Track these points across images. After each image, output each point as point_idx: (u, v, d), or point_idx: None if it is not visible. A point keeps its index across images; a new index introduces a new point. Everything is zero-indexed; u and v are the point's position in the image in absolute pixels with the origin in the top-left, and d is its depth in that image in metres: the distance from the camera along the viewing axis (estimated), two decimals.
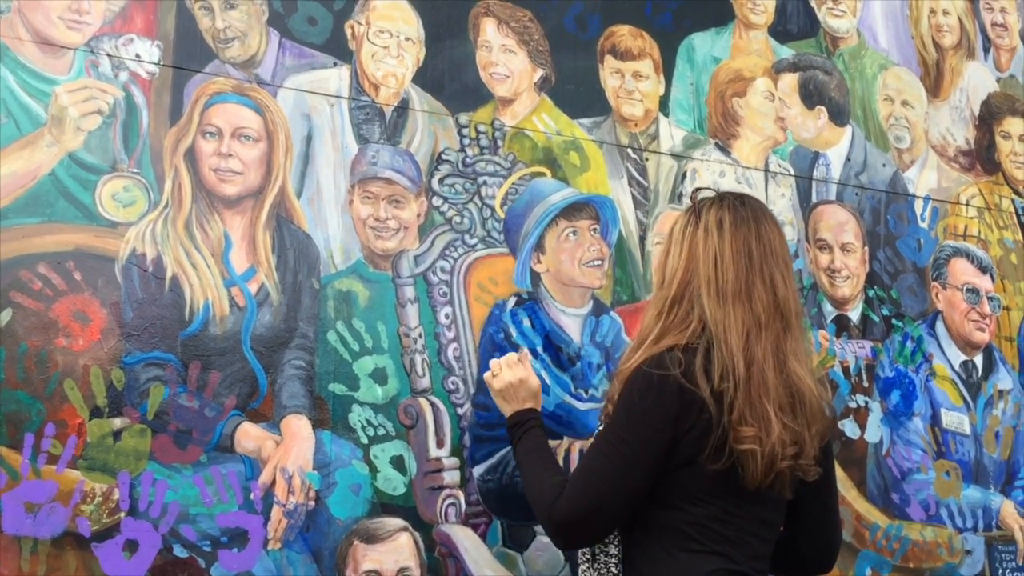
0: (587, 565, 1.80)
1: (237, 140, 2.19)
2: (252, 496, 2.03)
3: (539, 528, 2.26)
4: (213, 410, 2.04)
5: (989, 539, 2.77)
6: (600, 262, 2.47)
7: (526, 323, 2.37)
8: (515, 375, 1.98)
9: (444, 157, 2.39)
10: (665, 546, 1.70)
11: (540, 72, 2.54)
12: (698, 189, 1.89)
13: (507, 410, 1.98)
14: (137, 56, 2.13)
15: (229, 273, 2.13)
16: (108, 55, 2.11)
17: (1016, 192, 3.16)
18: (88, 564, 1.88)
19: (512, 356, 2.04)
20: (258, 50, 2.26)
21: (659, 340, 1.74)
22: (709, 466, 1.66)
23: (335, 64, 2.33)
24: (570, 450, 2.33)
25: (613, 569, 1.78)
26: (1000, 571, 2.76)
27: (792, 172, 2.80)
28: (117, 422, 1.96)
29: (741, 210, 1.81)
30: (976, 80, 3.19)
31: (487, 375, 2.03)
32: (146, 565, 1.92)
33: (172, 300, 2.06)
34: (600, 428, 1.81)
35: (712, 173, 2.68)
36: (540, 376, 2.34)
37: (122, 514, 1.93)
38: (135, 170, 2.09)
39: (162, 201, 2.10)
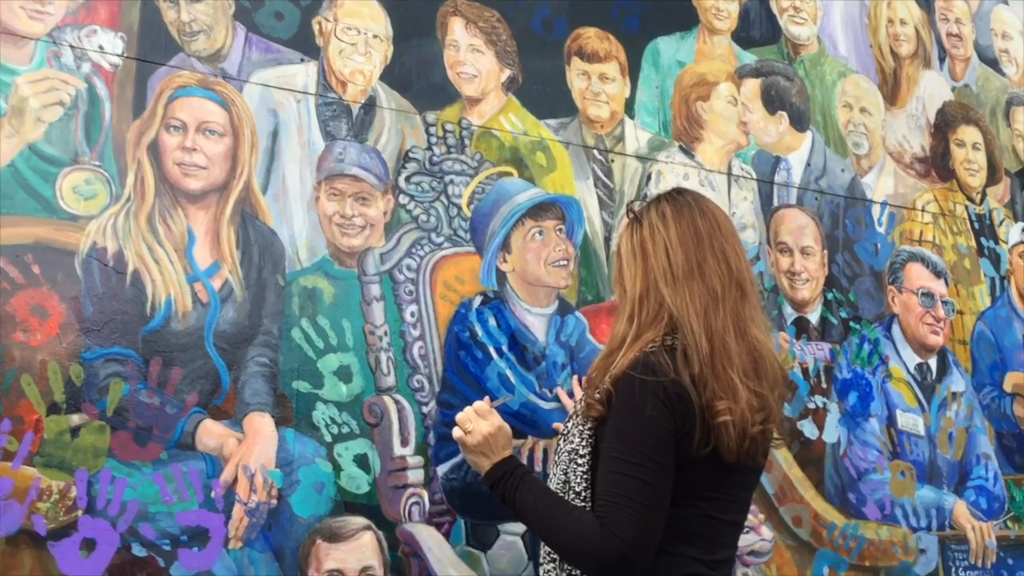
0: (552, 565, 1.79)
1: (202, 134, 2.16)
2: (213, 494, 2.01)
3: (503, 527, 2.26)
4: (174, 407, 2.01)
5: (942, 538, 2.82)
6: (566, 262, 2.48)
7: (492, 322, 2.37)
8: (492, 425, 1.83)
9: (411, 155, 2.38)
10: None
11: (507, 72, 2.54)
12: (632, 202, 1.90)
13: (485, 464, 1.82)
14: (100, 47, 2.10)
15: (192, 268, 2.10)
16: (71, 46, 2.07)
17: (970, 199, 3.23)
18: (44, 563, 1.84)
19: (481, 405, 1.86)
20: (224, 44, 2.24)
21: (637, 339, 1.74)
22: (698, 453, 1.66)
23: (302, 60, 2.31)
24: (534, 449, 2.34)
25: None
26: (953, 570, 2.82)
27: (754, 176, 2.83)
28: (75, 418, 1.93)
29: (679, 198, 1.84)
30: (932, 89, 3.26)
31: (458, 433, 1.85)
32: (104, 564, 1.88)
33: (133, 295, 2.03)
34: (584, 443, 1.75)
35: (676, 176, 2.71)
36: (505, 376, 2.36)
37: (79, 512, 1.89)
38: (97, 163, 2.06)
39: (124, 195, 2.07)
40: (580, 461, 1.74)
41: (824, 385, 2.76)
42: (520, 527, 2.25)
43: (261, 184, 2.21)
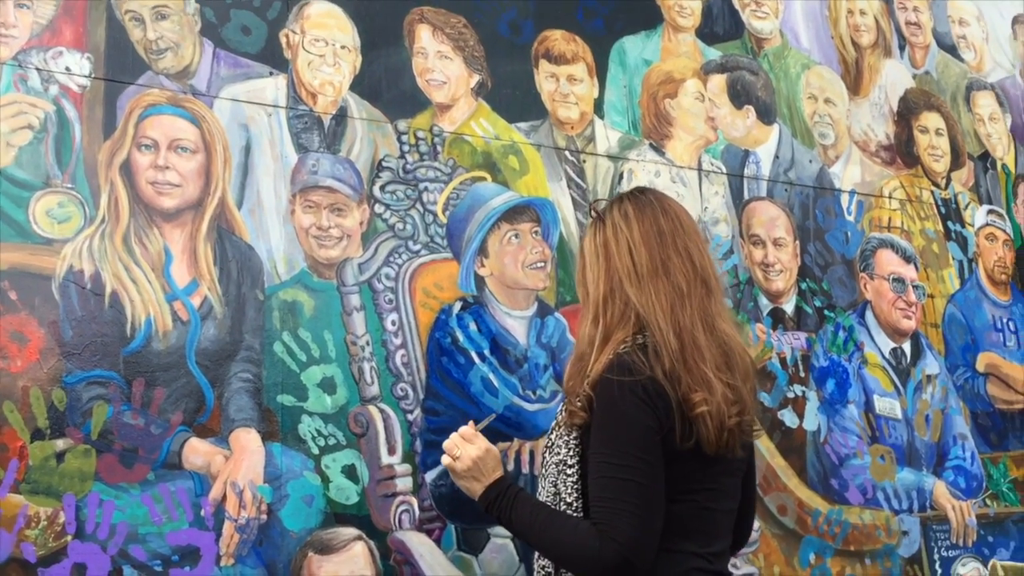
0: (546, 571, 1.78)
1: (174, 152, 2.15)
2: (203, 512, 2.00)
3: (493, 530, 2.27)
4: (159, 427, 2.00)
5: (924, 519, 2.87)
6: (543, 264, 2.49)
7: (472, 327, 2.38)
8: (479, 448, 1.81)
9: (384, 164, 2.39)
10: None
11: (476, 77, 2.55)
12: (595, 201, 1.91)
13: (477, 488, 1.80)
14: (67, 69, 2.09)
15: (171, 287, 2.09)
16: (37, 69, 2.06)
17: (935, 184, 3.29)
18: None
19: (467, 429, 1.86)
20: (192, 60, 2.23)
21: (607, 341, 1.75)
22: (682, 447, 1.67)
23: (271, 73, 2.31)
24: (520, 451, 2.35)
25: None
26: (935, 550, 2.86)
27: (724, 170, 2.87)
28: (60, 443, 1.91)
29: (642, 197, 1.85)
30: (894, 77, 3.31)
31: (446, 460, 1.84)
32: None
33: (112, 317, 2.02)
34: (562, 449, 1.74)
35: (648, 173, 2.73)
36: (488, 380, 2.37)
37: (69, 537, 1.88)
38: (69, 185, 2.05)
39: (98, 216, 2.06)
40: (569, 472, 1.73)
41: (802, 374, 2.80)
42: None
43: (236, 199, 2.21)
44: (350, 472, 2.16)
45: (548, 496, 1.77)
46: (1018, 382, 3.20)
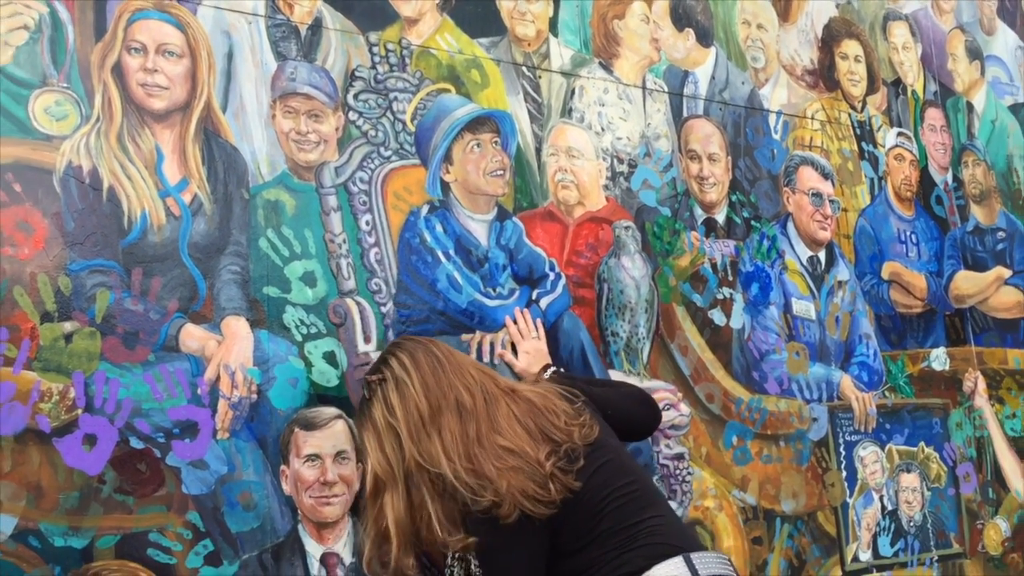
0: None
1: (161, 56, 2.27)
2: (199, 391, 2.18)
3: None
4: (157, 313, 2.17)
5: (831, 408, 3.22)
6: (502, 172, 2.69)
7: (439, 228, 2.58)
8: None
9: (357, 74, 2.54)
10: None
11: None
12: (366, 380, 2.10)
13: None
14: None
15: (163, 184, 2.23)
16: None
17: (852, 107, 3.58)
18: (51, 457, 2.00)
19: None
20: None
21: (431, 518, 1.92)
22: (548, 517, 1.88)
23: None
24: (482, 343, 2.58)
25: None
26: (840, 435, 3.23)
27: (666, 89, 3.09)
28: (67, 326, 2.06)
29: (404, 344, 2.09)
30: (819, 5, 3.56)
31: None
32: (106, 456, 2.05)
33: (111, 210, 2.16)
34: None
35: (597, 90, 2.94)
36: (453, 277, 2.58)
37: (79, 411, 2.04)
38: (65, 85, 2.15)
39: (93, 115, 2.18)
40: None
41: (730, 278, 3.09)
42: None
43: (220, 103, 2.34)
44: (330, 358, 2.36)
45: None
46: (917, 289, 3.56)
